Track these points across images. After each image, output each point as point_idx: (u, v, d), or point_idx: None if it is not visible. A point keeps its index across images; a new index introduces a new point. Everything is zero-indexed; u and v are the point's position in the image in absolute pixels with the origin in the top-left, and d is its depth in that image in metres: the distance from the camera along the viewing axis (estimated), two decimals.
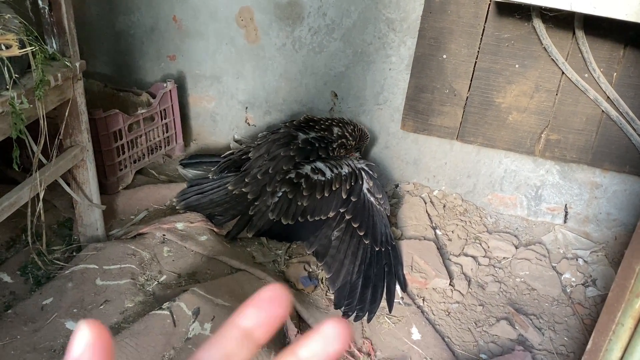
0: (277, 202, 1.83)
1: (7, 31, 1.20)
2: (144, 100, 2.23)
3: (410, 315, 1.70)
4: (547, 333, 1.72)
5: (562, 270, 1.95)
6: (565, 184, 2.10)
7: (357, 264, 1.70)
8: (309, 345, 0.29)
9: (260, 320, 0.29)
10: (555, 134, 1.97)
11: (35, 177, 1.41)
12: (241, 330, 0.29)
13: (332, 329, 0.29)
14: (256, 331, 0.29)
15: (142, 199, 2.06)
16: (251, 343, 0.29)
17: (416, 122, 2.11)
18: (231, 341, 0.29)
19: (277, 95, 2.35)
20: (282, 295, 0.30)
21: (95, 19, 2.41)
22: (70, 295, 1.53)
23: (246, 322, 0.29)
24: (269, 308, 0.29)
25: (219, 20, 2.26)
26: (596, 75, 1.81)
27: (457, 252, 1.99)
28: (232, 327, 0.29)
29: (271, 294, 0.30)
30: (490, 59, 1.93)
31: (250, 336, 0.29)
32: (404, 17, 2.01)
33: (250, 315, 0.29)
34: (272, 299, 0.29)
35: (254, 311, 0.29)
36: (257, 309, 0.29)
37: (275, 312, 0.29)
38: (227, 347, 0.29)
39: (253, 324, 0.29)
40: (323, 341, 0.29)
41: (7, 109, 1.22)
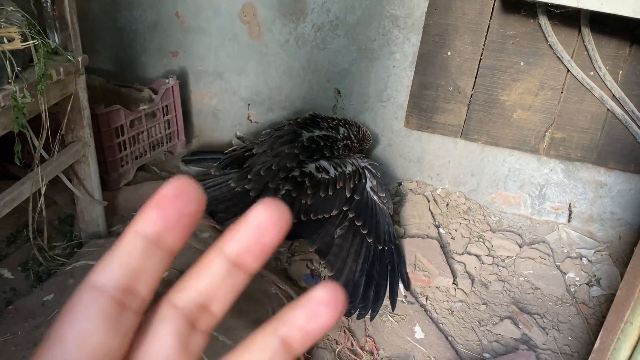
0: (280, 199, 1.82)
1: (10, 24, 1.19)
2: (146, 96, 2.22)
3: (414, 314, 1.69)
4: (551, 332, 1.71)
5: (566, 269, 1.94)
6: (570, 183, 2.09)
7: (360, 263, 1.69)
8: (238, 238, 0.24)
9: (169, 223, 0.24)
10: (560, 132, 1.96)
11: (36, 173, 1.40)
12: (146, 238, 0.24)
13: (264, 214, 0.24)
14: (166, 237, 0.24)
15: (143, 196, 2.05)
16: (162, 252, 0.24)
17: (420, 119, 2.10)
18: (135, 253, 0.24)
19: (279, 92, 2.34)
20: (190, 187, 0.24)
21: (98, 14, 2.39)
22: (71, 291, 1.50)
23: (150, 227, 0.24)
24: (177, 206, 0.24)
25: (222, 16, 2.24)
26: (602, 73, 1.80)
27: (461, 250, 1.98)
28: (133, 236, 0.24)
29: (176, 188, 0.24)
30: (495, 56, 1.92)
31: (159, 244, 0.24)
32: (409, 14, 2.00)
33: (153, 218, 0.24)
34: (178, 195, 0.24)
35: (158, 213, 0.24)
36: (161, 210, 0.24)
37: (185, 210, 0.24)
38: (131, 262, 0.23)
39: (159, 228, 0.24)
40: (255, 231, 0.24)
41: (9, 102, 1.21)
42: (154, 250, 0.24)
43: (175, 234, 0.24)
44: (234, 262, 0.24)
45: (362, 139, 2.09)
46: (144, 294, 0.24)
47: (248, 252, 0.24)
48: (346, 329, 1.60)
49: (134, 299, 0.24)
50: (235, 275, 0.25)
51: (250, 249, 0.24)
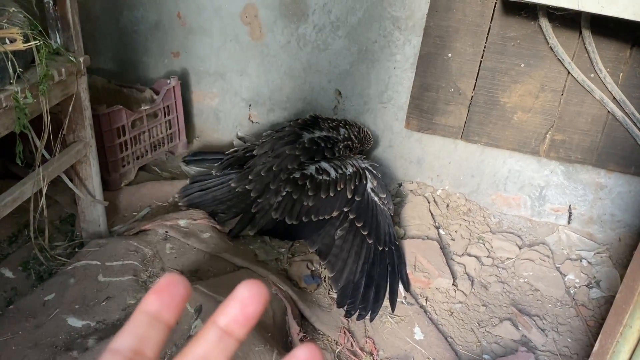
0: (280, 201, 1.82)
1: (12, 25, 1.20)
2: (147, 96, 2.22)
3: (413, 315, 1.69)
4: (550, 334, 1.71)
5: (566, 271, 1.94)
6: (570, 185, 2.09)
7: (361, 264, 1.69)
8: (226, 311, 0.32)
9: (164, 303, 0.32)
10: (560, 134, 1.96)
11: (38, 173, 1.40)
12: (148, 314, 0.31)
13: (246, 290, 0.32)
14: (163, 313, 0.32)
15: (144, 196, 2.06)
16: (161, 324, 0.32)
17: (420, 121, 2.10)
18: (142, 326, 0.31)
19: (280, 93, 2.34)
20: (179, 279, 0.32)
21: (99, 14, 2.40)
22: (72, 291, 1.52)
23: (151, 307, 0.32)
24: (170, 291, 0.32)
25: (224, 17, 2.25)
26: (602, 76, 1.80)
27: (461, 252, 1.98)
28: (139, 313, 0.32)
29: (168, 280, 0.32)
30: (495, 58, 1.92)
31: (158, 318, 0.32)
32: (410, 15, 2.00)
33: (153, 300, 0.32)
34: (170, 284, 0.32)
35: (156, 296, 0.32)
36: (158, 294, 0.32)
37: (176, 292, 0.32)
38: (139, 332, 0.31)
39: (158, 307, 0.32)
40: (239, 304, 0.31)
41: (10, 103, 1.21)
42: (155, 323, 0.32)
43: (169, 311, 0.32)
44: (224, 331, 0.32)
45: (362, 139, 2.09)
46: (150, 355, 0.31)
47: (235, 321, 0.32)
48: (346, 330, 1.60)
49: (143, 358, 0.31)
50: (226, 341, 0.32)
51: (237, 319, 0.32)
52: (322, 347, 1.57)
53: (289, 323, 1.54)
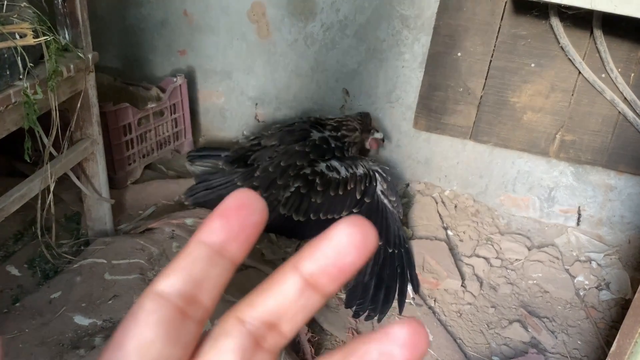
0: (289, 196, 1.80)
1: (22, 20, 1.18)
2: (153, 94, 2.21)
3: (422, 316, 1.67)
4: (560, 336, 1.69)
5: (575, 273, 1.93)
6: (579, 186, 2.08)
7: (370, 265, 1.68)
8: (316, 257, 0.23)
9: (232, 233, 0.23)
10: (570, 134, 1.94)
11: (46, 169, 1.39)
12: (209, 247, 0.23)
13: (346, 231, 0.23)
14: (229, 246, 0.24)
15: (150, 194, 2.05)
16: (225, 261, 0.24)
17: (429, 120, 2.09)
18: (199, 262, 0.23)
19: (287, 92, 2.33)
20: (253, 199, 0.24)
21: (106, 12, 2.39)
22: (78, 289, 1.51)
23: (214, 236, 0.23)
24: (240, 216, 0.24)
25: (231, 15, 2.24)
26: (613, 76, 1.79)
27: (469, 253, 1.96)
28: (197, 244, 0.23)
29: (239, 200, 0.24)
30: (505, 57, 1.91)
31: (222, 253, 0.24)
32: (419, 14, 1.99)
33: (217, 227, 0.23)
34: (241, 206, 0.24)
35: (222, 222, 0.24)
36: (225, 220, 0.24)
37: (248, 220, 0.24)
38: (194, 270, 0.23)
39: (223, 237, 0.23)
40: (334, 251, 0.23)
41: (20, 99, 1.20)
42: (217, 260, 0.23)
43: (238, 243, 0.24)
44: (308, 282, 0.23)
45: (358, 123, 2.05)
46: (206, 303, 0.24)
47: (325, 273, 0.23)
48: (354, 330, 1.59)
49: (197, 308, 0.23)
50: (309, 296, 0.24)
51: (328, 270, 0.23)
52: (330, 347, 1.56)
53: None
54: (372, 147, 2.13)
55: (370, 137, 2.08)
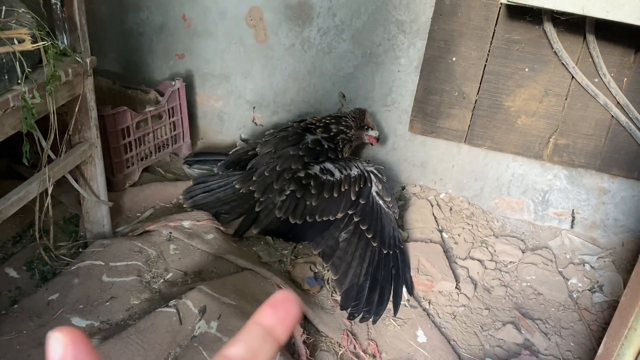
0: (284, 200, 1.82)
1: (20, 26, 1.20)
2: (152, 98, 2.23)
3: (416, 318, 1.69)
4: (553, 338, 1.71)
5: (569, 275, 1.94)
6: (573, 189, 2.09)
7: (365, 266, 1.69)
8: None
9: (279, 318, 0.32)
10: (564, 138, 1.96)
11: (44, 172, 1.41)
12: (263, 327, 0.31)
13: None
14: (276, 329, 0.32)
15: (148, 197, 2.06)
16: (273, 339, 0.31)
17: (424, 124, 2.11)
18: (256, 338, 0.31)
19: (285, 96, 2.35)
20: (293, 297, 0.33)
21: (105, 16, 2.41)
22: (76, 291, 1.52)
23: (266, 320, 0.32)
24: (285, 307, 0.32)
25: (229, 20, 2.26)
26: (606, 80, 1.81)
27: (464, 255, 1.98)
28: (254, 325, 0.32)
29: (284, 295, 0.33)
30: (500, 62, 1.93)
31: (272, 333, 0.31)
32: (414, 19, 2.01)
33: (268, 314, 0.32)
34: (285, 300, 0.32)
35: (272, 310, 0.32)
36: (274, 309, 0.32)
37: (290, 310, 0.32)
38: (252, 343, 0.31)
39: (273, 322, 0.32)
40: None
41: (18, 103, 1.22)
42: (268, 337, 0.31)
43: (282, 327, 0.32)
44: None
45: (354, 119, 2.06)
46: None
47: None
48: (349, 332, 1.61)
49: None
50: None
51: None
52: (325, 349, 1.57)
53: None
54: (371, 142, 2.14)
55: (365, 134, 2.10)
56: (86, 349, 0.28)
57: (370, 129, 2.09)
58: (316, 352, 1.55)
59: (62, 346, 0.28)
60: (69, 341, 0.28)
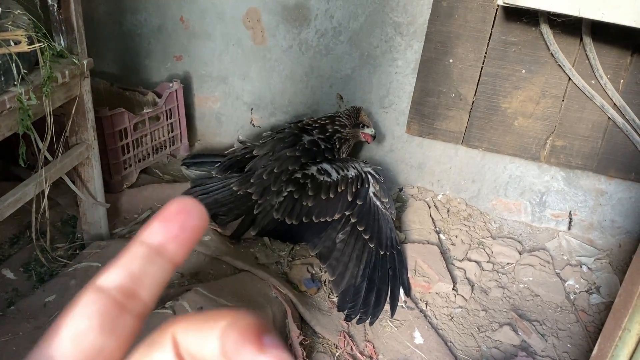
0: (282, 201, 1.82)
1: (16, 27, 1.21)
2: (149, 99, 2.23)
3: (413, 319, 1.69)
4: (550, 339, 1.71)
5: (566, 276, 1.95)
6: (570, 191, 2.10)
7: (362, 268, 1.69)
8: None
9: (171, 234, 0.25)
10: (560, 140, 1.96)
11: (40, 174, 1.41)
12: (149, 246, 0.25)
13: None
14: (168, 246, 0.25)
15: (146, 198, 2.06)
16: (164, 260, 0.25)
17: (421, 125, 2.11)
18: (138, 260, 0.25)
19: (282, 97, 2.35)
20: (193, 206, 0.26)
21: (103, 18, 2.41)
22: (73, 292, 1.52)
23: (154, 237, 0.25)
24: (180, 220, 0.25)
25: (226, 21, 2.26)
26: (603, 82, 1.81)
27: (461, 256, 1.98)
28: (138, 244, 0.25)
29: (179, 206, 0.26)
30: (496, 64, 1.93)
31: (161, 253, 0.25)
32: (411, 21, 2.01)
33: (157, 230, 0.25)
34: (181, 211, 0.25)
35: (162, 225, 0.25)
36: (165, 223, 0.25)
37: (187, 223, 0.25)
38: (133, 267, 0.24)
39: (162, 239, 0.25)
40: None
41: (14, 104, 1.22)
42: (156, 259, 0.25)
43: (176, 245, 0.25)
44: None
45: (348, 117, 2.06)
46: (145, 299, 0.25)
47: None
48: (346, 334, 1.61)
49: (136, 303, 0.24)
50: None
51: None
52: (322, 350, 1.57)
53: (289, 326, 1.54)
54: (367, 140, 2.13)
55: (361, 132, 2.09)
56: None
57: (365, 126, 2.09)
58: (313, 354, 1.55)
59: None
60: None
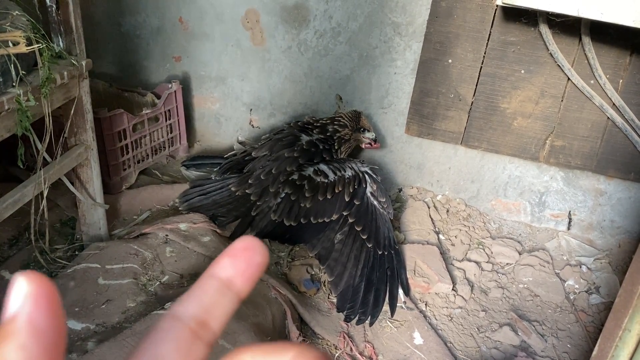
0: (279, 203, 1.82)
1: (15, 28, 1.20)
2: (148, 100, 2.23)
3: (413, 320, 1.69)
4: (550, 340, 1.71)
5: (566, 277, 1.94)
6: (570, 191, 2.10)
7: (360, 268, 1.69)
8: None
9: (239, 270, 0.28)
10: (560, 140, 1.96)
11: (39, 175, 1.41)
12: (219, 280, 0.27)
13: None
14: (236, 281, 0.28)
15: (145, 199, 2.06)
16: (232, 294, 0.27)
17: (421, 126, 2.11)
18: (210, 293, 0.27)
19: (281, 98, 2.35)
20: (257, 244, 0.28)
21: (102, 19, 2.41)
22: (72, 294, 1.52)
23: (224, 272, 0.28)
24: (246, 257, 0.28)
25: (225, 22, 2.26)
26: (602, 82, 1.81)
27: (460, 257, 1.98)
28: (209, 278, 0.28)
29: (245, 244, 0.28)
30: (495, 64, 1.93)
31: (230, 286, 0.27)
32: (410, 21, 2.01)
33: (226, 265, 0.28)
34: (247, 249, 0.28)
35: (231, 261, 0.28)
36: (233, 259, 0.28)
37: (253, 260, 0.28)
38: (205, 299, 0.27)
39: (231, 273, 0.28)
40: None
41: (13, 105, 1.22)
42: (225, 292, 0.27)
43: (243, 279, 0.28)
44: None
45: (349, 119, 2.06)
46: (215, 328, 0.27)
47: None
48: (345, 334, 1.61)
49: (207, 331, 0.27)
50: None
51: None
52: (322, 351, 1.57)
53: (289, 327, 1.54)
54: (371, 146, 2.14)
55: (362, 136, 2.10)
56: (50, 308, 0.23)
57: (366, 130, 2.09)
58: None
59: (24, 296, 0.23)
60: (33, 292, 0.23)
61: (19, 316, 0.22)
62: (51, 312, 0.23)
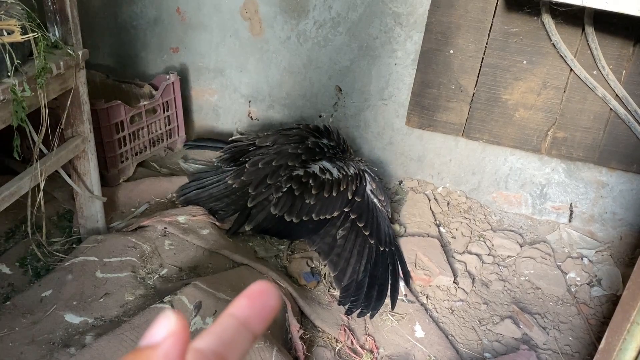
0: (280, 197, 1.80)
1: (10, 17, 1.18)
2: (146, 92, 2.20)
3: (414, 313, 1.68)
4: (551, 332, 1.70)
5: (567, 269, 1.93)
6: (571, 183, 2.08)
7: (364, 263, 1.69)
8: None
9: (255, 311, 0.31)
10: (562, 131, 1.95)
11: (35, 167, 1.39)
12: (238, 320, 0.30)
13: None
14: (252, 321, 0.30)
15: (143, 192, 2.04)
16: (248, 332, 0.30)
17: (421, 118, 2.09)
18: (230, 330, 0.30)
19: (280, 89, 2.33)
20: (272, 289, 0.32)
21: (98, 9, 2.38)
22: (69, 287, 1.50)
23: (241, 312, 0.30)
24: (262, 300, 0.31)
25: (223, 13, 2.23)
26: (605, 73, 1.79)
27: (461, 249, 1.97)
28: (229, 317, 0.30)
29: (261, 287, 0.31)
30: (497, 54, 1.91)
31: (247, 326, 0.30)
32: (411, 11, 1.99)
33: (244, 305, 0.31)
34: (262, 292, 0.31)
35: (248, 302, 0.31)
36: (250, 301, 0.31)
37: (267, 303, 0.31)
38: (226, 336, 0.29)
39: (248, 314, 0.30)
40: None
41: (8, 96, 1.20)
42: (243, 330, 0.30)
43: (258, 320, 0.31)
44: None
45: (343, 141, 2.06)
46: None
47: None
48: (346, 328, 1.59)
49: None
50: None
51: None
52: (322, 344, 1.56)
53: (289, 320, 1.53)
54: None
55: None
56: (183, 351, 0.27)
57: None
58: (313, 348, 1.54)
59: (167, 332, 0.27)
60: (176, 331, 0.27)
61: (160, 349, 0.27)
62: (182, 353, 0.27)
